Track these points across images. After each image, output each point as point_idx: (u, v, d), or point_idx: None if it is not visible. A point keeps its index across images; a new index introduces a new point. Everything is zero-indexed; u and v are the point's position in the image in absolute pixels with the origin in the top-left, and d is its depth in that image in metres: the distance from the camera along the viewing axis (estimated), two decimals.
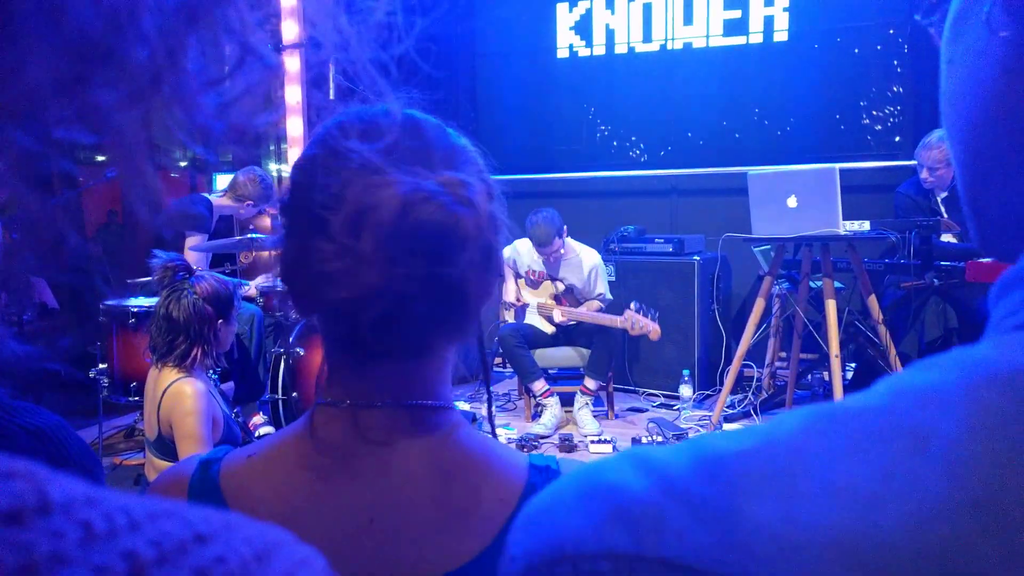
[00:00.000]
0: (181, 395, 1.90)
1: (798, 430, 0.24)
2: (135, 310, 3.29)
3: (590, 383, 4.00)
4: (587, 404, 3.99)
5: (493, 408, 0.70)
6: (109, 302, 3.47)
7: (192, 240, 3.80)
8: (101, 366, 3.40)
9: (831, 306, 3.40)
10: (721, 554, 0.23)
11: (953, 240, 3.66)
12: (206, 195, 4.04)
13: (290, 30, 5.33)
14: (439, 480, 0.59)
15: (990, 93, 0.29)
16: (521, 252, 4.20)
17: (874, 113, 4.68)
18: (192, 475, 0.62)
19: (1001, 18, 0.27)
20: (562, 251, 4.02)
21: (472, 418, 3.93)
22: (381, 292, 0.53)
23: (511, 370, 4.24)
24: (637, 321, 3.78)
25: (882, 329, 3.46)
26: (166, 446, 1.95)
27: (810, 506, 0.22)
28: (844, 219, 3.37)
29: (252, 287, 3.88)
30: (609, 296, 4.19)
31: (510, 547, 0.28)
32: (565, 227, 4.00)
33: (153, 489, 0.65)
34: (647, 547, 0.24)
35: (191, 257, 3.68)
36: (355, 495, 0.58)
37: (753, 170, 3.66)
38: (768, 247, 3.99)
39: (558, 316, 4.13)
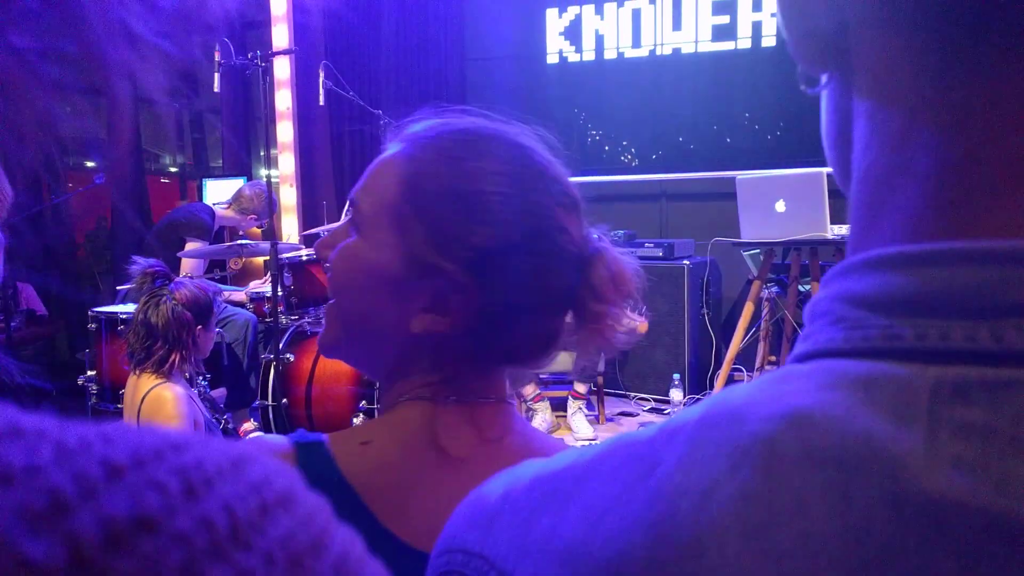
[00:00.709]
0: (161, 400, 1.89)
1: (596, 455, 0.28)
2: (123, 317, 3.27)
3: (580, 387, 4.01)
4: (580, 408, 4.00)
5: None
6: (97, 309, 3.45)
7: (190, 246, 3.80)
8: (89, 373, 3.38)
9: None
10: (515, 557, 0.27)
11: None
12: (210, 205, 4.05)
13: (280, 36, 5.33)
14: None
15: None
16: None
17: None
18: (295, 453, 0.61)
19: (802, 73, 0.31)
20: None
21: None
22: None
23: None
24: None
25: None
26: None
27: (566, 520, 0.26)
28: (833, 223, 3.40)
29: (244, 293, 3.86)
30: None
31: (443, 528, 0.34)
32: None
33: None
34: (482, 545, 0.29)
35: (187, 264, 3.67)
36: (471, 477, 0.61)
37: (742, 174, 3.68)
38: (757, 251, 4.01)
39: None
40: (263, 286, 3.84)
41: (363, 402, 3.25)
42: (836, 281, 0.26)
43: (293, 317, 3.50)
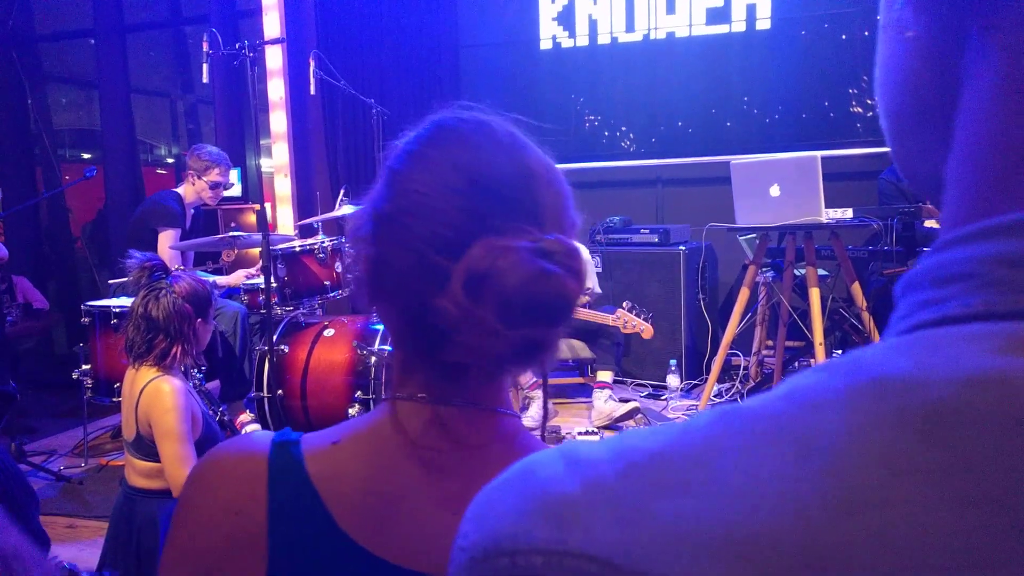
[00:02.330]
0: (159, 393, 1.89)
1: (704, 434, 0.26)
2: (118, 310, 3.27)
3: (604, 375, 4.02)
4: (610, 397, 4.00)
5: (547, 415, 0.74)
6: (92, 303, 3.44)
7: (167, 236, 3.74)
8: (85, 367, 3.38)
9: (815, 294, 3.42)
10: (629, 548, 0.24)
11: (936, 226, 3.68)
12: (176, 189, 3.97)
13: (272, 25, 5.29)
14: None
15: (902, 83, 0.31)
16: None
17: (863, 100, 4.69)
18: (271, 452, 0.62)
19: (909, 17, 0.28)
20: None
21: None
22: (483, 352, 0.56)
23: None
24: (629, 320, 3.81)
25: (866, 316, 3.48)
26: (145, 446, 1.94)
27: (704, 504, 0.24)
28: (830, 207, 3.39)
29: (240, 276, 3.84)
30: (598, 291, 4.21)
31: (459, 538, 0.31)
32: None
33: (212, 465, 0.63)
34: (570, 542, 0.25)
35: (167, 256, 3.65)
36: (438, 486, 0.60)
37: (739, 159, 3.67)
38: (753, 236, 4.00)
39: None
40: (256, 277, 3.83)
41: (358, 392, 3.26)
42: (972, 244, 0.25)
43: (287, 308, 3.50)
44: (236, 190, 5.12)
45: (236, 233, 3.58)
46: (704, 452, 0.25)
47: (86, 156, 6.67)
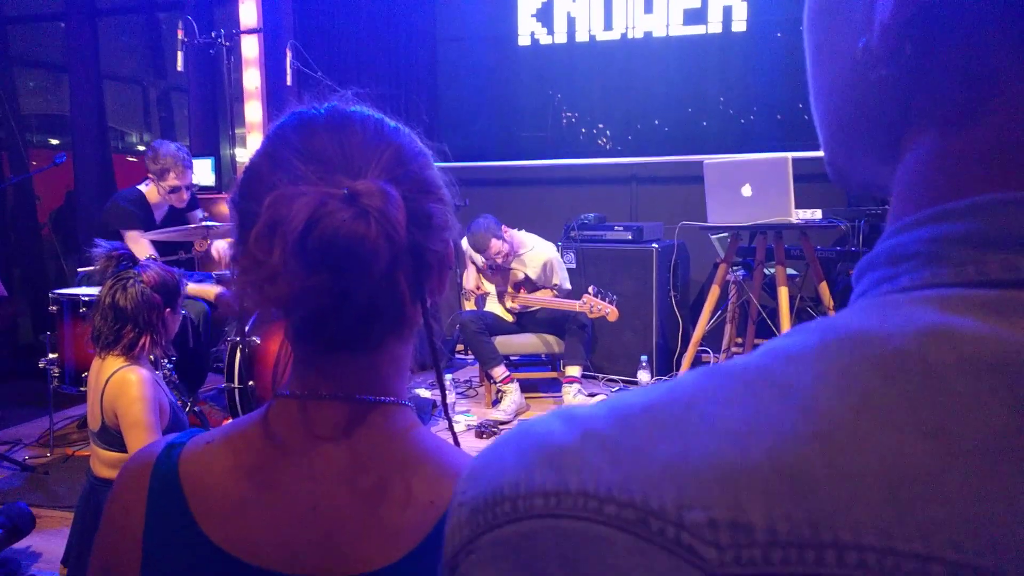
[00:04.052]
0: (126, 383, 1.88)
1: (692, 385, 0.29)
2: (86, 299, 3.23)
3: (573, 370, 4.06)
4: (579, 391, 4.05)
5: (447, 397, 0.71)
6: (59, 291, 3.39)
7: (132, 237, 3.57)
8: (51, 356, 3.34)
9: (783, 293, 3.48)
10: (626, 484, 0.27)
11: None
12: (139, 187, 3.76)
13: (248, 14, 5.24)
14: (376, 476, 0.60)
15: (854, 100, 0.34)
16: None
17: None
18: (158, 457, 0.63)
19: (876, 55, 0.32)
20: (503, 252, 4.04)
21: (432, 405, 3.95)
22: (296, 301, 0.54)
23: (473, 357, 4.27)
24: (595, 304, 3.85)
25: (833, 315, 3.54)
26: (111, 436, 1.93)
27: (698, 442, 0.27)
28: (801, 207, 3.44)
29: (212, 291, 3.65)
30: (568, 286, 4.24)
31: (457, 496, 0.32)
32: (503, 227, 4.07)
33: (123, 470, 0.65)
34: (571, 483, 0.28)
35: (144, 253, 3.58)
36: (300, 484, 0.60)
37: (712, 158, 3.71)
38: (725, 235, 4.05)
39: (509, 303, 4.20)
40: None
41: None
42: (920, 228, 0.29)
43: None
44: (210, 179, 5.07)
45: (209, 223, 3.55)
46: (694, 399, 0.28)
47: (54, 142, 6.55)
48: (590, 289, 3.93)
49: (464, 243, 4.23)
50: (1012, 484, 0.23)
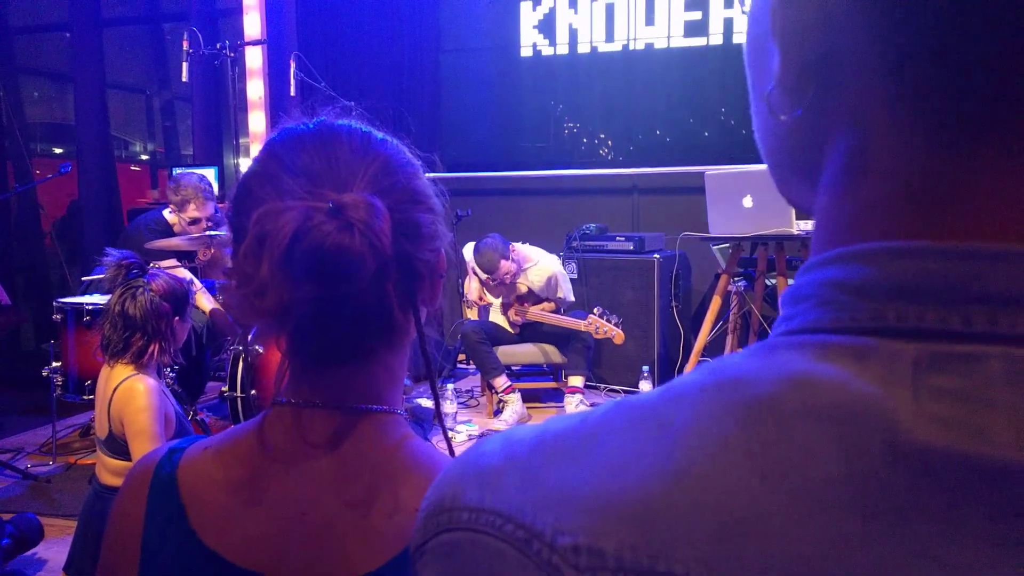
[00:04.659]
0: (133, 392, 1.89)
1: (599, 417, 0.32)
2: (90, 307, 3.24)
3: (576, 380, 4.06)
4: (581, 402, 4.05)
5: (442, 406, 0.73)
6: (64, 299, 3.41)
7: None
8: (55, 364, 3.34)
9: None
10: (524, 506, 0.30)
11: None
12: (164, 213, 3.80)
13: (252, 25, 5.27)
14: (365, 484, 0.61)
15: (777, 148, 0.36)
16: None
17: None
18: (159, 462, 0.65)
19: (779, 101, 0.33)
20: (511, 272, 4.02)
21: (434, 415, 3.95)
22: (285, 314, 0.55)
23: (475, 366, 4.27)
24: (601, 326, 3.86)
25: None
26: (117, 444, 1.93)
27: (585, 472, 0.29)
28: (798, 219, 3.46)
29: (207, 304, 3.67)
30: (571, 299, 4.25)
31: (422, 503, 0.36)
32: (512, 246, 4.06)
33: (128, 475, 0.67)
34: (488, 501, 0.32)
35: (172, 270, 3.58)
36: (291, 491, 0.61)
37: (714, 169, 3.73)
38: (726, 245, 4.06)
39: (513, 315, 4.20)
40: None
41: None
42: (817, 270, 0.30)
43: None
44: (213, 189, 5.08)
45: (213, 233, 3.56)
46: (597, 431, 0.31)
47: (58, 151, 6.58)
48: (596, 310, 3.93)
49: (466, 253, 4.24)
50: (832, 528, 0.24)
